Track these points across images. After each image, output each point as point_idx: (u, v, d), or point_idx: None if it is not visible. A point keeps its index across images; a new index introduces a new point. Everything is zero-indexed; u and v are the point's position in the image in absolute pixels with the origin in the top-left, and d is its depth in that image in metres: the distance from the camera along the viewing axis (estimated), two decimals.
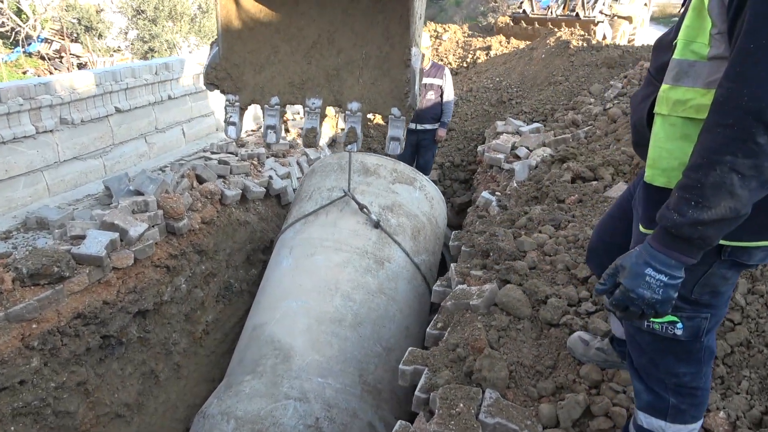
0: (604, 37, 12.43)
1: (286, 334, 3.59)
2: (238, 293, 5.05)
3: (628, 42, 13.53)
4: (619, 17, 14.00)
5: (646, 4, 16.17)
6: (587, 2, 13.08)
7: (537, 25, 12.31)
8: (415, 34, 2.58)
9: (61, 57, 18.57)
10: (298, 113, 7.98)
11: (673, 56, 1.33)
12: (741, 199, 1.16)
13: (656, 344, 1.51)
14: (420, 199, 4.70)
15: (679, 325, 1.44)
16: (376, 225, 4.16)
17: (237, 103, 2.66)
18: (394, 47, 2.58)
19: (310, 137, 2.63)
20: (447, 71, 6.56)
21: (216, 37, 2.60)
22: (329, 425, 3.18)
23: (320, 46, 2.61)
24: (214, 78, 2.59)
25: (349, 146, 2.67)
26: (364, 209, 4.17)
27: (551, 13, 12.96)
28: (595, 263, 2.06)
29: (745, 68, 1.12)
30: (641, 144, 1.49)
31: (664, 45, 1.47)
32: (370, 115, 2.76)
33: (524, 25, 12.48)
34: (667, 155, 1.34)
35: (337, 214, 4.24)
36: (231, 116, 2.68)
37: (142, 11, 15.52)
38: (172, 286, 4.11)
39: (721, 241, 1.31)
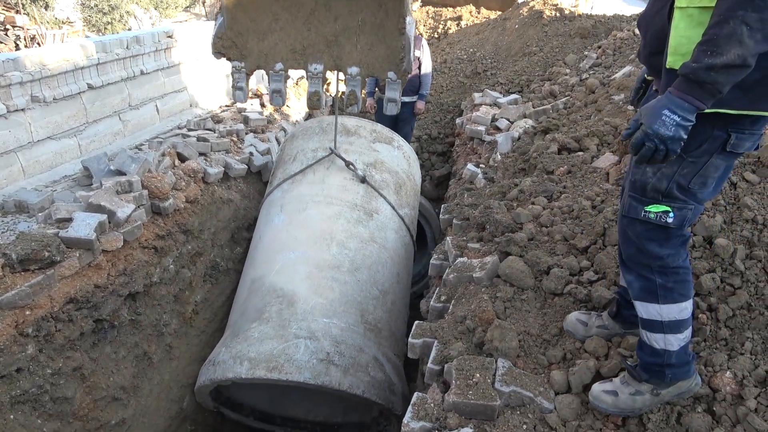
0: None
1: (288, 282, 3.75)
2: (225, 272, 5.00)
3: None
4: None
5: None
6: None
7: None
8: (408, 3, 2.74)
9: (6, 29, 17.52)
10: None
11: None
12: (747, 47, 1.40)
13: (645, 233, 1.81)
14: (399, 157, 4.94)
15: (672, 214, 1.75)
16: (363, 180, 4.36)
17: (243, 70, 2.83)
18: (389, 14, 2.77)
19: (314, 100, 2.83)
20: (424, 42, 6.51)
21: (220, 7, 2.71)
22: (339, 358, 3.40)
23: (318, 14, 2.78)
24: (221, 47, 2.78)
25: (350, 108, 2.92)
26: (350, 165, 4.35)
27: None
28: None
29: None
30: (658, 52, 1.74)
31: None
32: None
33: None
34: (687, 41, 1.56)
35: (324, 172, 4.40)
36: (238, 82, 2.88)
37: None
38: (160, 267, 4.04)
39: (731, 111, 1.58)
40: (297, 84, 8.35)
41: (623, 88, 4.96)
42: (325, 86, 2.84)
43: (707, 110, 1.56)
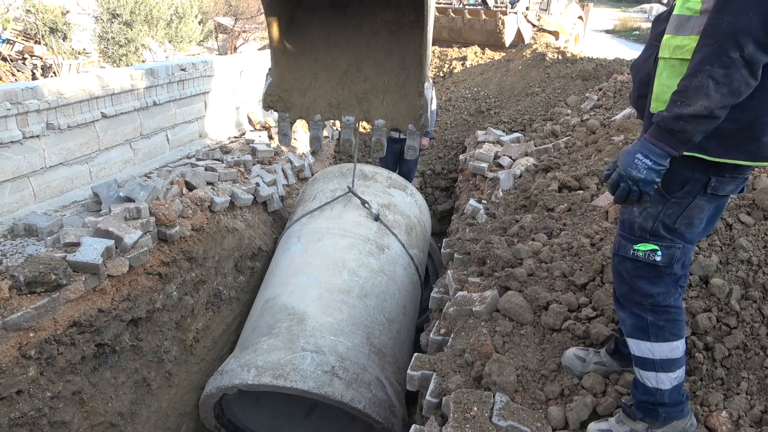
0: (520, 37, 11.91)
1: (299, 302, 3.95)
2: (227, 301, 5.02)
3: None
4: (544, 30, 13.22)
5: (581, 17, 15.45)
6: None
7: (452, 14, 11.92)
8: (427, 70, 3.19)
9: (24, 59, 17.99)
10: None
11: (673, 12, 1.69)
12: (714, 100, 1.50)
13: (635, 271, 1.88)
14: (411, 203, 5.28)
15: (659, 253, 1.82)
16: (376, 218, 4.68)
17: (287, 119, 3.32)
18: (410, 78, 3.26)
19: (347, 146, 3.32)
20: (430, 81, 6.68)
21: (270, 69, 3.23)
22: (344, 373, 3.52)
23: (350, 74, 3.31)
24: (270, 102, 3.28)
25: (376, 152, 3.37)
26: (366, 204, 4.70)
27: (459, 1, 12.36)
28: None
29: (725, 3, 1.49)
30: (644, 95, 1.84)
31: (662, 18, 1.83)
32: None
33: (452, 15, 12.15)
34: (668, 90, 1.66)
35: (341, 209, 4.75)
36: (284, 129, 3.37)
37: (118, 15, 15.22)
38: (163, 294, 4.08)
39: (707, 157, 1.67)
40: None
41: (623, 130, 5.07)
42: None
43: (687, 154, 1.65)
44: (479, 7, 12.16)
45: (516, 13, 12.07)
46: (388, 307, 4.21)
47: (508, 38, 11.90)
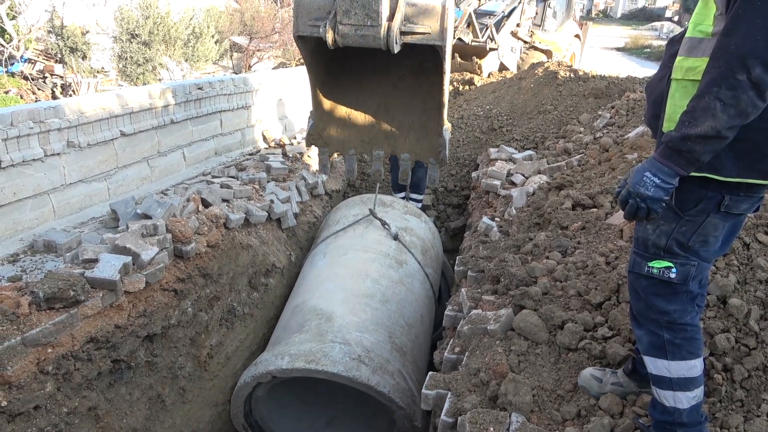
0: (505, 68, 11.10)
1: (327, 304, 4.36)
2: (241, 317, 5.04)
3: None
4: (536, 49, 12.37)
5: (578, 36, 14.57)
6: (481, 27, 10.80)
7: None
8: (445, 114, 3.60)
9: (45, 77, 18.41)
10: (294, 137, 8.08)
11: (686, 35, 1.74)
12: (720, 121, 1.53)
13: (651, 288, 1.89)
14: (425, 229, 5.85)
15: (674, 270, 1.82)
16: (395, 237, 5.17)
17: (326, 153, 3.86)
18: (431, 119, 3.66)
19: (377, 176, 3.88)
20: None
21: (311, 112, 3.75)
22: (369, 361, 3.85)
23: (379, 114, 3.78)
24: (312, 140, 3.83)
25: (402, 180, 3.89)
26: (385, 225, 5.22)
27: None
28: None
29: (733, 27, 1.51)
30: (657, 115, 1.87)
31: (675, 40, 1.87)
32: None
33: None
34: (680, 110, 1.68)
35: (362, 230, 5.27)
36: (323, 161, 3.91)
37: (137, 35, 15.56)
38: (179, 310, 4.11)
39: (720, 177, 1.68)
40: None
41: (637, 148, 5.06)
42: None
43: (698, 174, 1.67)
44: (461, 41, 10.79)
45: (497, 48, 11.14)
46: (407, 313, 4.58)
47: (487, 72, 11.20)
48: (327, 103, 3.73)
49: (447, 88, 3.35)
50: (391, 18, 2.86)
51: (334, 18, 2.88)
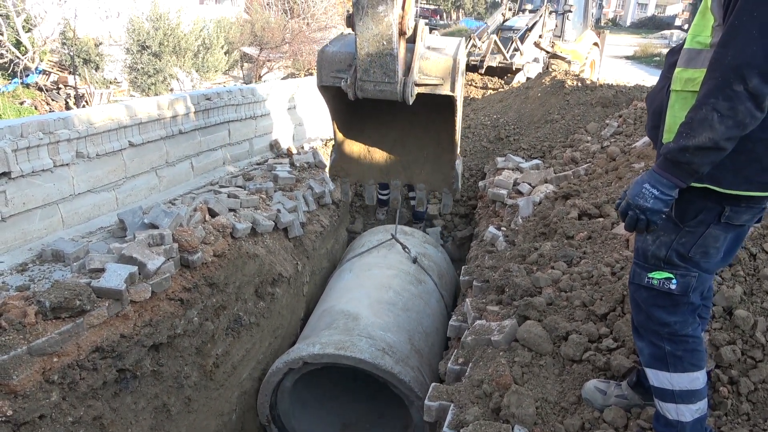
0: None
1: (353, 307, 4.83)
2: (247, 326, 5.05)
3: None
4: (558, 57, 12.84)
5: (596, 44, 14.95)
6: (505, 41, 11.56)
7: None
8: (458, 149, 3.87)
9: (59, 88, 18.71)
10: (302, 147, 8.12)
11: (684, 47, 1.74)
12: (718, 133, 1.52)
13: (651, 299, 1.87)
14: (441, 257, 6.40)
15: (674, 281, 1.81)
16: (414, 260, 5.70)
17: (347, 182, 4.24)
18: (444, 152, 3.96)
19: (394, 204, 4.64)
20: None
21: (333, 147, 4.10)
22: (392, 354, 4.22)
23: (396, 148, 4.12)
24: (335, 172, 4.19)
25: (419, 208, 4.74)
26: (406, 248, 5.75)
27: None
28: None
29: (730, 38, 1.51)
30: (657, 126, 1.87)
31: (674, 51, 1.87)
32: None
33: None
34: (680, 121, 1.68)
35: (385, 251, 5.86)
36: (344, 189, 4.28)
37: (147, 46, 15.77)
38: (185, 319, 4.12)
39: (720, 189, 1.67)
40: (326, 145, 8.66)
41: (644, 157, 5.03)
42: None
43: (698, 185, 1.66)
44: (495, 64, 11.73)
45: (522, 67, 11.77)
46: (425, 322, 5.00)
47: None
48: (348, 140, 4.04)
49: (459, 127, 3.57)
50: (406, 73, 3.05)
51: (354, 74, 3.09)
